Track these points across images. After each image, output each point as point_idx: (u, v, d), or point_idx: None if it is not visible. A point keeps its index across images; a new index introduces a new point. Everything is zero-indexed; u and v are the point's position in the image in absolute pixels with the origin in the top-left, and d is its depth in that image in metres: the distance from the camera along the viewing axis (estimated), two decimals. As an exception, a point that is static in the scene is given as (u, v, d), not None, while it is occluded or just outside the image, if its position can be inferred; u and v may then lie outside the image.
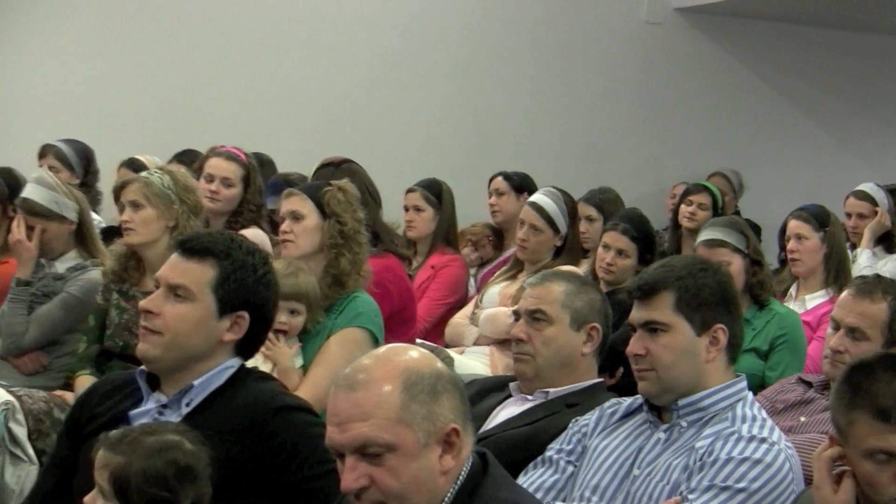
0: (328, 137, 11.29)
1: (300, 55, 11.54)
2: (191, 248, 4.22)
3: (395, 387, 3.30)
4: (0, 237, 7.56)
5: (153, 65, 11.06)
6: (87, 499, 3.69)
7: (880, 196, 9.42)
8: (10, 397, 6.02)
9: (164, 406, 4.22)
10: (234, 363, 4.29)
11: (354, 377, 3.35)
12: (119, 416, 4.23)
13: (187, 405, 4.19)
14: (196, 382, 4.19)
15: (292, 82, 11.50)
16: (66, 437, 4.42)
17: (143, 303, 4.23)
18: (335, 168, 7.76)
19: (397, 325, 6.94)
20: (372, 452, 3.27)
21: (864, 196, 9.42)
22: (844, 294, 5.48)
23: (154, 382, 4.29)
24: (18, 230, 7.04)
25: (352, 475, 3.29)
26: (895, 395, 3.55)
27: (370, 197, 7.18)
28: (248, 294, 4.25)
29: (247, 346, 4.35)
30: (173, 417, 4.17)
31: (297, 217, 6.14)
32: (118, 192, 6.90)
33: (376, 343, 5.96)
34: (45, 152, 9.44)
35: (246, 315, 4.26)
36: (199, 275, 4.18)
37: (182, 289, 4.17)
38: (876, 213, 9.24)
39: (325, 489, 4.00)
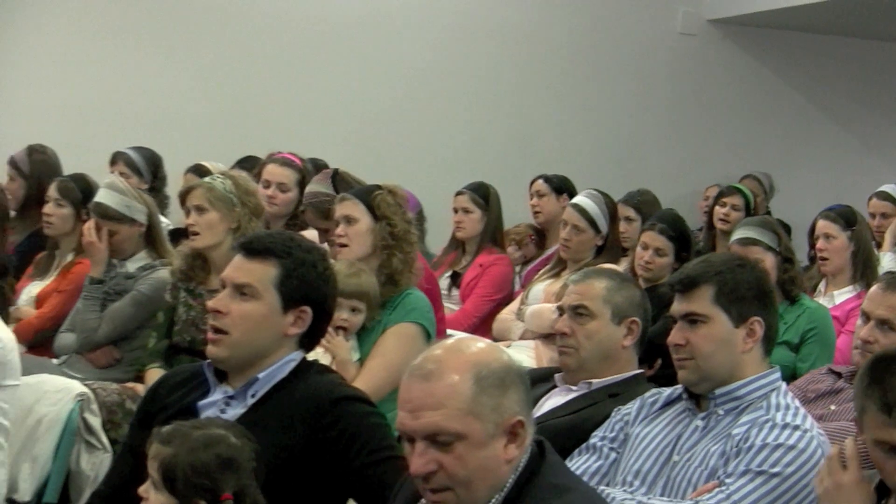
0: (380, 143, 11.34)
1: (354, 65, 11.55)
2: (253, 248, 4.24)
3: (466, 379, 3.31)
4: (74, 239, 7.60)
5: (217, 77, 11.09)
6: (140, 489, 3.73)
7: None
8: (85, 389, 6.03)
9: (231, 397, 4.24)
10: (296, 356, 4.30)
11: (428, 367, 3.36)
12: (187, 406, 4.26)
13: (252, 396, 4.21)
14: (261, 375, 4.21)
15: (346, 91, 11.51)
16: (137, 426, 4.43)
17: (211, 302, 4.25)
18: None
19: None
20: (442, 440, 3.28)
21: (885, 196, 9.43)
22: (874, 288, 5.44)
23: (221, 374, 4.31)
24: (91, 233, 7.08)
25: (421, 460, 3.30)
26: None
27: None
28: (309, 289, 4.26)
29: (308, 339, 4.36)
30: (239, 408, 4.19)
31: (350, 221, 6.16)
32: (184, 196, 6.93)
33: (429, 337, 6.03)
34: (115, 159, 9.48)
35: (308, 310, 4.27)
36: (263, 273, 4.19)
37: (248, 287, 4.18)
38: None
39: (381, 475, 4.04)
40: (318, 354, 5.46)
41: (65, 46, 10.67)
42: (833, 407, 5.43)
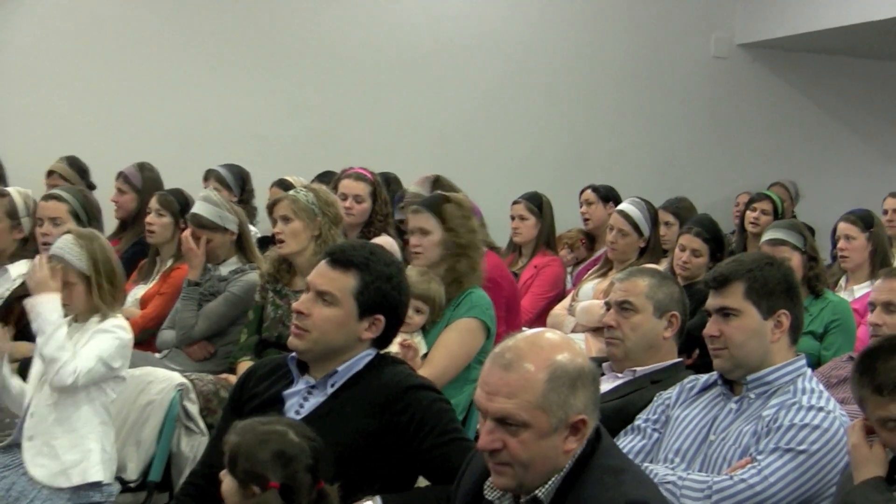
0: (445, 158, 11.31)
1: (422, 89, 11.56)
2: (337, 259, 4.25)
3: (541, 374, 3.30)
4: (174, 247, 7.65)
5: (299, 101, 11.11)
6: (221, 473, 3.77)
7: None
8: (184, 380, 6.05)
9: (312, 387, 4.26)
10: (371, 353, 4.32)
11: (508, 357, 3.36)
12: (275, 395, 4.30)
13: (332, 386, 4.23)
14: (339, 368, 4.24)
15: (416, 111, 11.52)
16: (230, 412, 4.45)
17: (296, 304, 4.26)
18: None
19: (513, 315, 6.99)
20: (509, 423, 3.29)
21: None
22: (878, 281, 5.63)
23: (303, 366, 4.33)
24: (188, 241, 7.12)
25: (489, 437, 3.32)
26: (889, 372, 3.62)
27: None
28: (384, 300, 4.27)
29: (381, 341, 4.37)
30: (320, 397, 4.23)
31: (424, 232, 6.17)
32: (271, 207, 6.97)
33: (488, 331, 6.05)
34: (208, 176, 9.51)
35: (382, 318, 4.28)
36: (344, 283, 4.20)
37: (329, 295, 4.20)
38: None
39: (447, 455, 4.07)
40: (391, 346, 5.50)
41: (170, 74, 10.72)
42: (855, 391, 5.43)
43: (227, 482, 3.73)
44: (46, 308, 5.41)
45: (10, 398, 5.65)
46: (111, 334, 5.49)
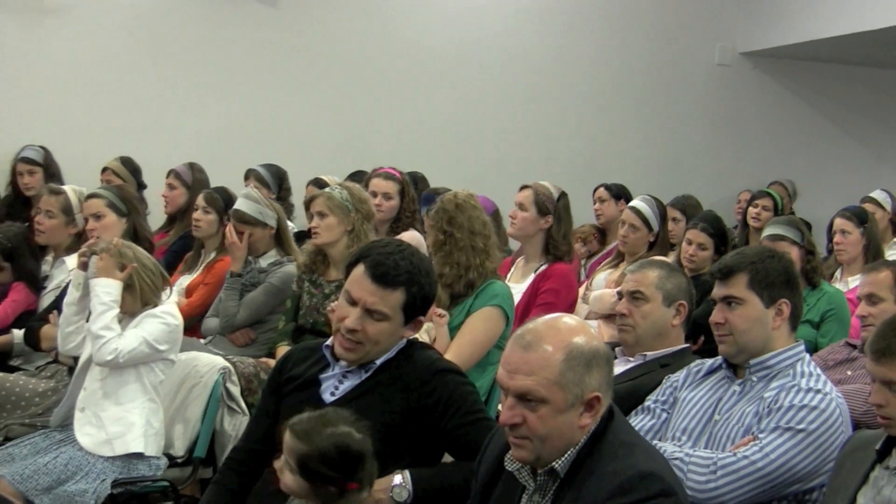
0: (467, 158, 11.38)
1: (445, 94, 11.58)
2: (382, 278, 4.15)
3: (558, 354, 3.33)
4: (217, 240, 7.67)
5: (331, 106, 11.14)
6: (276, 464, 3.75)
7: (883, 197, 9.62)
8: (226, 364, 6.07)
9: (348, 371, 4.25)
10: (402, 343, 4.30)
11: (528, 339, 3.39)
12: (312, 378, 4.28)
13: (366, 371, 4.22)
14: (378, 361, 4.23)
15: (439, 115, 11.54)
16: (269, 393, 4.46)
17: (347, 322, 4.16)
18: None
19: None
20: (528, 399, 3.32)
21: (871, 200, 9.43)
22: (862, 276, 5.78)
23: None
24: (231, 235, 7.15)
25: (510, 412, 3.35)
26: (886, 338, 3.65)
27: None
28: (426, 305, 4.29)
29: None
30: (354, 380, 4.22)
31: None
32: (307, 204, 6.98)
33: (507, 318, 6.06)
34: (248, 175, 9.55)
35: (422, 318, 4.31)
36: (393, 301, 4.14)
37: (378, 313, 4.14)
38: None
39: (471, 434, 4.08)
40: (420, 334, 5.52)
41: (214, 82, 10.76)
42: (849, 373, 5.49)
43: (295, 481, 3.67)
44: (102, 290, 5.52)
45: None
46: (159, 319, 5.59)
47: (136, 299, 5.61)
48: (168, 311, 5.64)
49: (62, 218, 7.30)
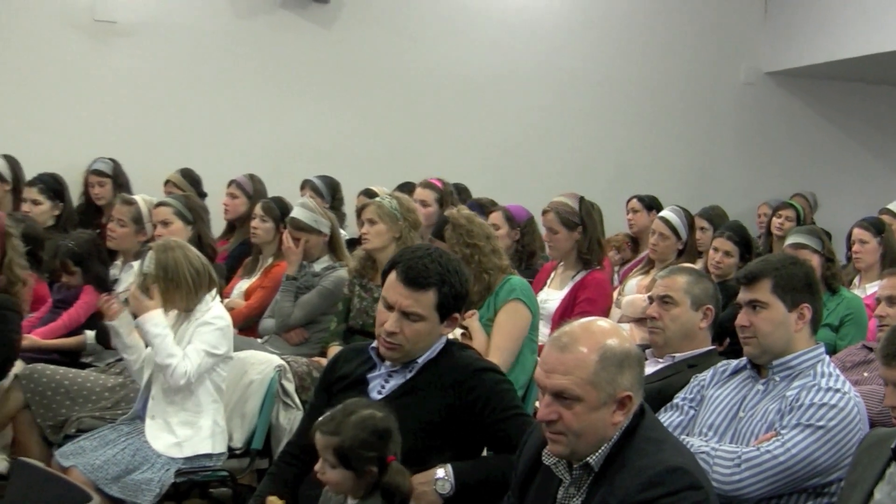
0: (507, 170, 11.39)
1: (488, 110, 11.57)
2: (415, 281, 4.16)
3: (593, 356, 3.34)
4: (274, 246, 7.71)
5: (382, 120, 11.15)
6: (316, 467, 3.76)
7: None
8: (282, 362, 6.10)
9: (393, 371, 4.26)
10: (443, 341, 4.30)
11: (564, 340, 3.40)
12: (360, 377, 4.29)
13: (410, 371, 4.23)
14: (420, 360, 4.23)
15: (482, 130, 11.52)
16: (321, 391, 4.47)
17: (387, 326, 4.16)
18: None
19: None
20: (564, 397, 3.33)
21: (887, 211, 9.35)
22: (882, 281, 5.83)
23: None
24: (288, 241, 7.18)
25: (547, 409, 3.36)
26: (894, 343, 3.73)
27: None
28: (460, 302, 4.27)
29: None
30: (399, 379, 4.23)
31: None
32: (359, 212, 7.02)
33: (531, 311, 6.09)
34: (304, 185, 9.59)
35: (458, 314, 4.30)
36: (426, 301, 4.15)
37: (414, 315, 4.14)
38: None
39: (509, 429, 4.09)
40: (456, 334, 5.56)
41: (272, 99, 10.80)
42: (866, 374, 5.47)
43: (338, 474, 3.68)
44: (149, 325, 5.54)
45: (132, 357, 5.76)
46: (211, 325, 5.62)
47: (183, 297, 5.64)
48: (216, 314, 5.67)
49: (132, 227, 7.34)
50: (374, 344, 4.31)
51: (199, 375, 5.55)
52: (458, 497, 4.04)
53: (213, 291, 5.76)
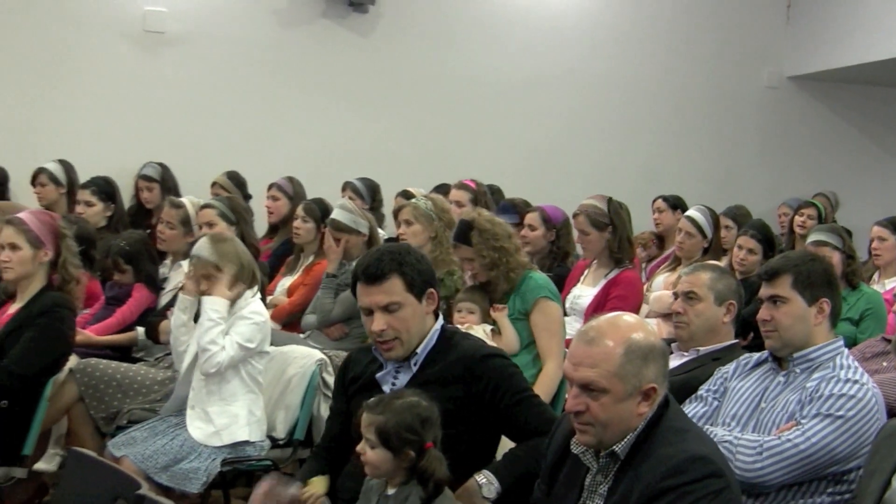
0: (538, 172, 11.38)
1: (520, 114, 11.57)
2: (374, 275, 4.12)
3: (618, 349, 3.35)
4: (315, 245, 7.73)
5: (418, 124, 11.17)
6: (359, 447, 3.76)
7: None
8: (323, 356, 6.10)
9: (399, 366, 4.22)
10: (438, 325, 4.28)
11: (591, 335, 3.42)
12: (370, 379, 4.25)
13: (415, 364, 4.20)
14: (419, 350, 4.19)
15: (514, 134, 11.53)
16: (339, 394, 4.47)
17: (374, 327, 4.14)
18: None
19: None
20: (592, 389, 3.34)
21: None
22: None
23: None
24: (328, 240, 7.19)
25: (575, 400, 3.38)
26: None
27: None
28: (427, 276, 4.21)
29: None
30: (407, 374, 4.20)
31: (468, 259, 6.18)
32: (396, 213, 7.01)
33: (558, 304, 6.13)
34: (345, 187, 9.60)
35: (433, 290, 4.25)
36: (395, 288, 4.11)
37: (392, 304, 4.11)
38: None
39: (521, 412, 4.13)
40: (481, 334, 5.57)
41: (314, 104, 10.82)
42: (885, 363, 5.46)
43: (378, 454, 3.69)
44: (210, 307, 5.58)
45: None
46: (248, 320, 5.63)
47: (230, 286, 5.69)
48: (254, 310, 5.68)
49: (181, 228, 7.38)
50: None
51: (232, 365, 5.58)
52: (502, 496, 4.02)
53: (255, 288, 5.79)
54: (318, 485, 3.84)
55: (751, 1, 12.62)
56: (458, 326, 5.80)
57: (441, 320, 4.32)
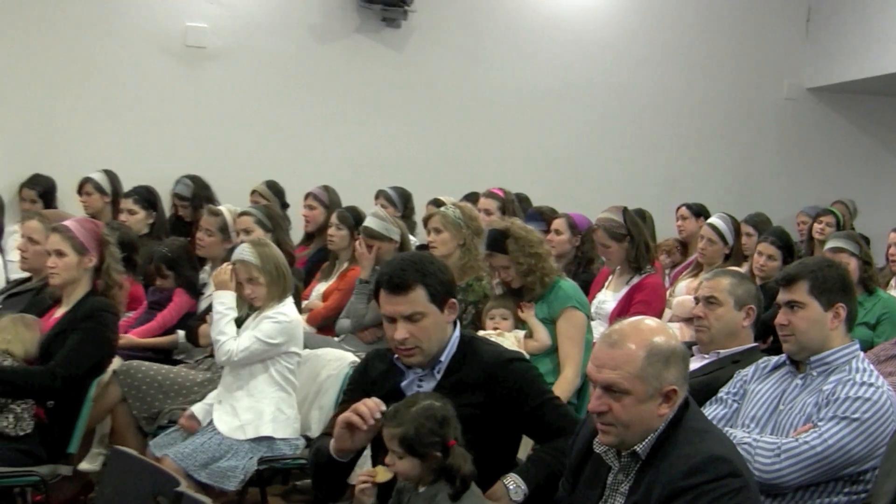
0: (563, 180, 11.36)
1: (545, 124, 11.56)
2: (399, 285, 4.04)
3: (640, 352, 3.35)
4: (349, 252, 7.74)
5: (448, 135, 11.19)
6: (387, 460, 3.73)
7: None
8: (355, 358, 6.08)
9: (423, 375, 4.16)
10: (457, 332, 4.21)
11: (614, 338, 3.42)
12: (393, 389, 4.14)
13: (438, 372, 4.13)
14: (442, 358, 4.12)
15: (540, 143, 11.52)
16: (357, 390, 4.25)
17: (396, 335, 4.05)
18: None
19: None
20: (614, 391, 3.34)
21: None
22: None
23: None
24: (361, 247, 7.20)
25: (597, 401, 3.38)
26: None
27: None
28: (448, 286, 4.15)
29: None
30: (431, 382, 4.12)
31: (504, 266, 6.14)
32: (426, 221, 7.01)
33: (585, 313, 6.10)
34: (378, 195, 9.60)
35: (454, 300, 4.16)
36: (418, 298, 4.02)
37: (415, 314, 4.02)
38: None
39: (544, 414, 4.11)
40: (508, 343, 5.57)
41: (347, 116, 10.86)
42: (900, 365, 5.43)
43: (406, 463, 3.66)
44: (218, 301, 5.80)
45: None
46: (271, 319, 5.71)
47: (263, 296, 5.77)
48: (280, 311, 5.75)
49: (219, 235, 7.42)
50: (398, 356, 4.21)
51: (250, 358, 5.66)
52: (530, 498, 4.01)
53: (288, 293, 5.85)
54: (383, 475, 3.80)
55: (771, 15, 12.57)
56: (490, 332, 5.81)
57: (459, 327, 4.25)
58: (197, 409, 5.79)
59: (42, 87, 9.90)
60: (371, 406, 3.83)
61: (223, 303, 5.77)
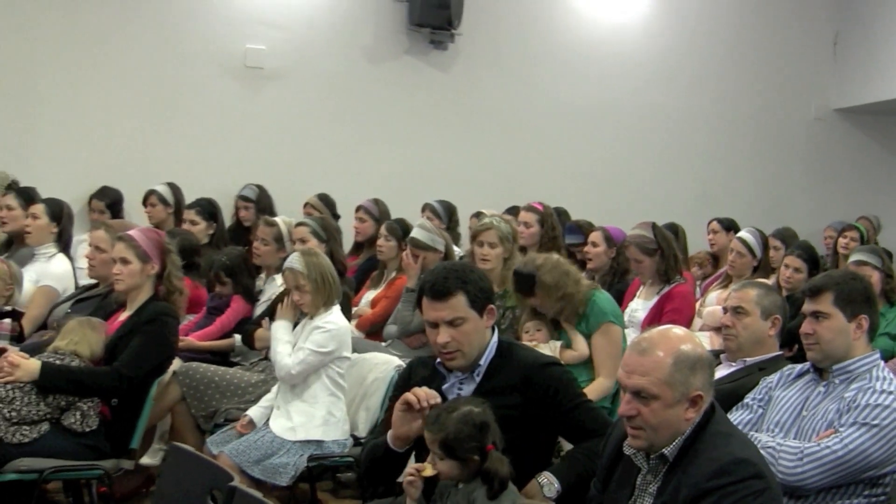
0: (600, 194, 11.34)
1: (583, 141, 11.58)
2: (440, 291, 4.06)
3: (668, 359, 3.34)
4: (397, 262, 7.75)
5: (489, 150, 11.21)
6: (428, 461, 3.74)
7: None
8: (401, 362, 6.08)
9: (463, 378, 4.15)
10: (495, 337, 4.20)
11: (643, 345, 3.41)
12: (437, 390, 4.10)
13: (478, 375, 4.13)
14: (481, 361, 4.13)
15: (582, 159, 11.54)
16: (401, 393, 4.24)
17: (439, 340, 4.06)
18: None
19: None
20: (643, 395, 3.34)
21: None
22: None
23: None
24: (408, 258, 7.20)
25: (627, 406, 3.38)
26: None
27: None
28: (488, 293, 4.16)
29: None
30: (472, 385, 4.12)
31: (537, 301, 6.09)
32: (476, 234, 6.95)
33: (621, 326, 6.06)
34: (424, 208, 9.61)
35: (492, 306, 4.17)
36: (459, 304, 4.04)
37: (457, 320, 4.04)
38: None
39: (580, 415, 4.10)
40: (547, 350, 5.62)
41: (397, 133, 10.91)
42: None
43: (447, 465, 3.67)
44: (275, 329, 5.93)
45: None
46: (320, 329, 5.76)
47: (309, 302, 5.83)
48: (328, 319, 5.80)
49: (274, 245, 7.44)
50: (440, 360, 4.21)
51: (307, 370, 5.71)
52: (563, 496, 3.99)
53: (335, 301, 5.88)
54: (429, 470, 3.80)
55: (800, 39, 12.51)
56: (528, 343, 5.78)
57: (497, 332, 4.25)
58: (253, 412, 5.82)
59: (113, 107, 10.00)
60: (428, 391, 3.91)
61: (281, 331, 5.90)
